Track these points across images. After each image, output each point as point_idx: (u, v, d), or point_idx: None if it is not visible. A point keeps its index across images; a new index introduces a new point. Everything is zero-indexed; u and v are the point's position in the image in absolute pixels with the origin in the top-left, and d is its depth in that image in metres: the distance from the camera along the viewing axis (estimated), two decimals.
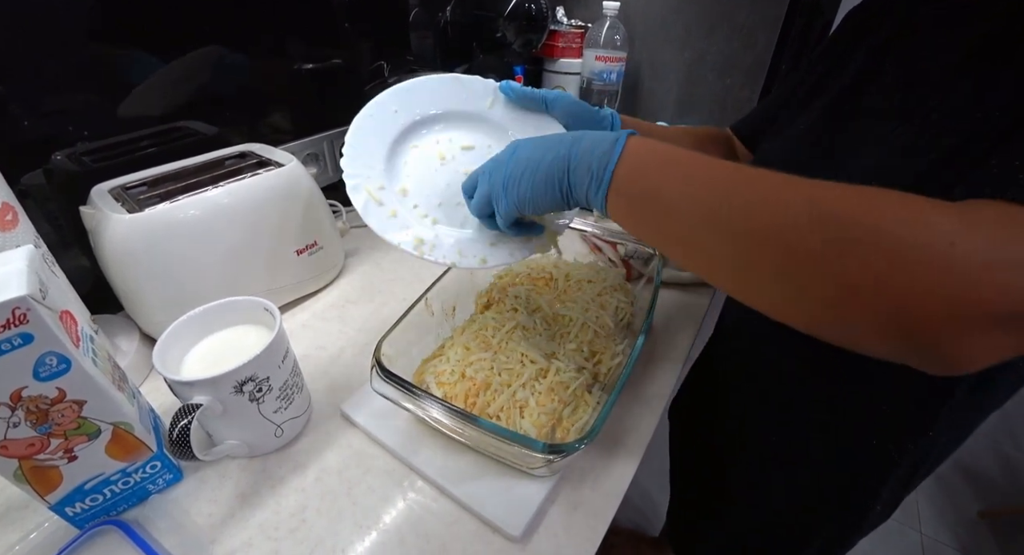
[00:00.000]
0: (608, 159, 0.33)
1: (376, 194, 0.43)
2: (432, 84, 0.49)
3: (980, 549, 1.32)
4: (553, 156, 0.35)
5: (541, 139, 0.37)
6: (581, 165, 0.34)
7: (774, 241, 0.26)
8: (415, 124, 0.48)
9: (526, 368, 0.45)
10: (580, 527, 0.41)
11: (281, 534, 0.39)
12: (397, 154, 0.46)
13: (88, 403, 0.35)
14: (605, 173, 0.32)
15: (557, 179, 0.35)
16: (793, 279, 0.26)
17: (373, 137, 0.45)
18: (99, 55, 0.57)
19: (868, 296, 0.24)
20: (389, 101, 0.47)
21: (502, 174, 0.37)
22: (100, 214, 0.49)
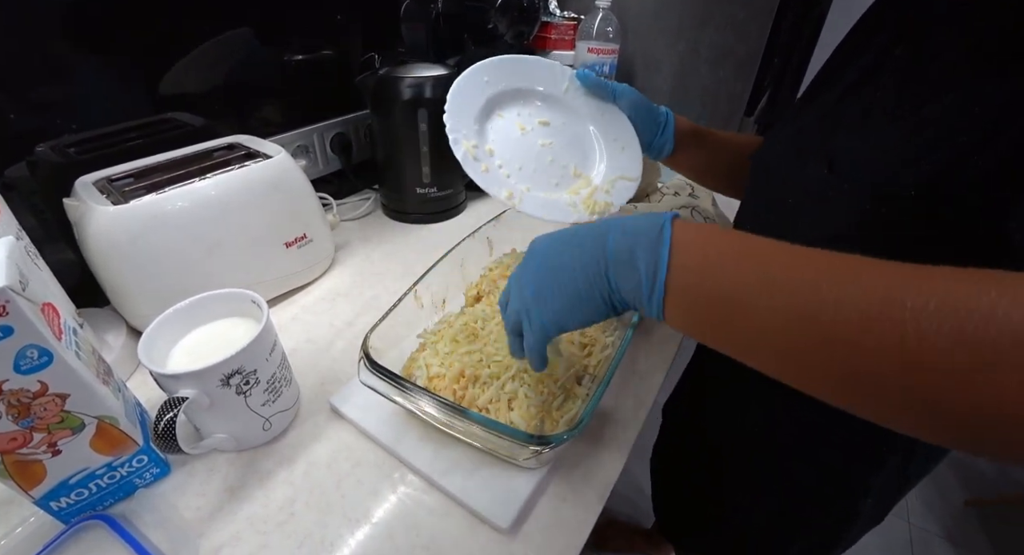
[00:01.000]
0: (658, 253, 0.27)
1: (472, 151, 0.47)
2: (520, 62, 0.54)
3: (967, 537, 1.34)
4: (586, 257, 0.29)
5: (562, 236, 0.32)
6: (623, 264, 0.28)
7: (889, 354, 0.21)
8: (501, 94, 0.52)
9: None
10: (569, 518, 0.41)
11: (270, 527, 0.39)
12: (486, 118, 0.51)
13: (71, 396, 0.34)
14: (659, 273, 0.27)
15: (597, 285, 0.29)
16: (917, 395, 0.21)
17: (468, 100, 0.50)
18: (83, 47, 0.56)
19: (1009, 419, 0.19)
20: (483, 71, 0.51)
21: (531, 288, 0.32)
22: (84, 206, 0.49)
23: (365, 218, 0.83)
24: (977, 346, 0.19)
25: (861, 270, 0.23)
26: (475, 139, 0.49)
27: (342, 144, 0.83)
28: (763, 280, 0.25)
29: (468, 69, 0.50)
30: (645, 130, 0.54)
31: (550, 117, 0.54)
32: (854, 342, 0.22)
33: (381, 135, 0.77)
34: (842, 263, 0.24)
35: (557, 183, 0.51)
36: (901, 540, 1.33)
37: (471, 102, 0.50)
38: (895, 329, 0.20)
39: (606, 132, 0.54)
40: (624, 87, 0.52)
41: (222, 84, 0.70)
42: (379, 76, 0.73)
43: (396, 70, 0.72)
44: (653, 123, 0.55)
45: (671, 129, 0.55)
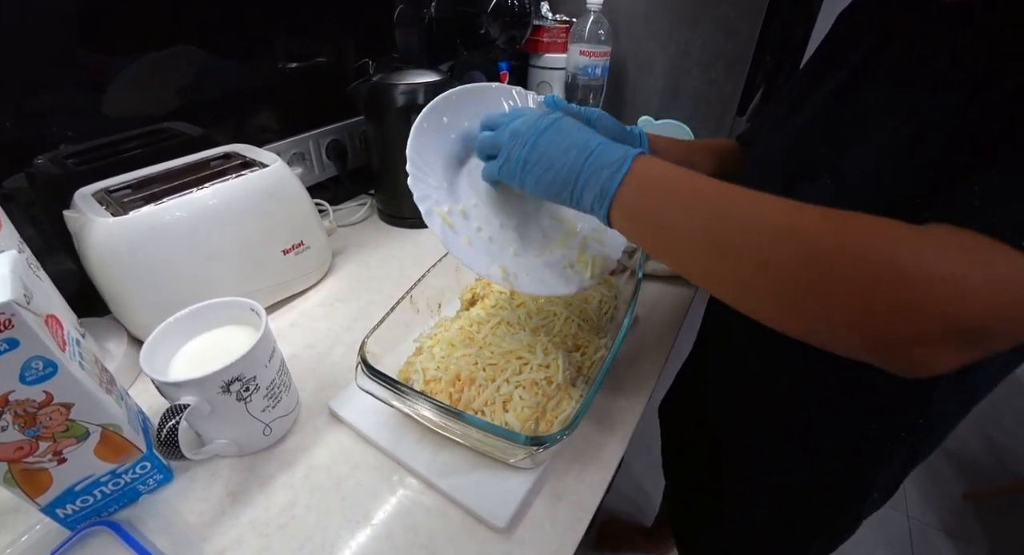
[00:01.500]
0: (614, 176, 0.35)
1: (448, 218, 0.42)
2: (477, 91, 0.47)
3: (965, 530, 1.35)
4: (571, 162, 0.37)
5: (567, 134, 0.38)
6: (592, 178, 0.36)
7: (765, 262, 0.29)
8: (465, 136, 0.46)
9: (510, 363, 0.46)
10: (564, 517, 0.42)
11: (271, 530, 0.40)
12: (454, 170, 0.46)
13: (76, 406, 0.35)
14: (609, 189, 0.35)
15: (569, 186, 0.37)
16: (785, 298, 0.29)
17: (432, 152, 0.44)
18: (82, 57, 0.57)
19: (851, 313, 0.27)
20: (439, 111, 0.45)
21: (522, 151, 0.38)
22: (83, 218, 0.50)
23: (361, 223, 0.84)
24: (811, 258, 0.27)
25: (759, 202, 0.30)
26: (447, 201, 0.43)
27: (337, 151, 0.84)
28: (680, 199, 0.33)
29: (423, 112, 0.44)
30: None
31: None
32: (739, 255, 0.30)
33: (376, 141, 0.78)
34: (745, 196, 0.31)
35: (544, 234, 0.48)
36: (900, 533, 1.34)
37: (435, 153, 0.44)
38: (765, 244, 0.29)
39: None
40: (597, 112, 0.50)
41: (218, 93, 0.70)
42: (372, 84, 0.74)
43: (389, 77, 0.73)
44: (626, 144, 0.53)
45: (645, 148, 0.53)
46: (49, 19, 0.54)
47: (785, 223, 0.29)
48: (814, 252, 0.27)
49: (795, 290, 0.28)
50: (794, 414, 0.49)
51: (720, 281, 0.33)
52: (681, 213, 0.33)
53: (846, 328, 0.27)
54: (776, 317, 0.30)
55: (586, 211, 0.38)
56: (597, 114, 0.48)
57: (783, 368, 0.48)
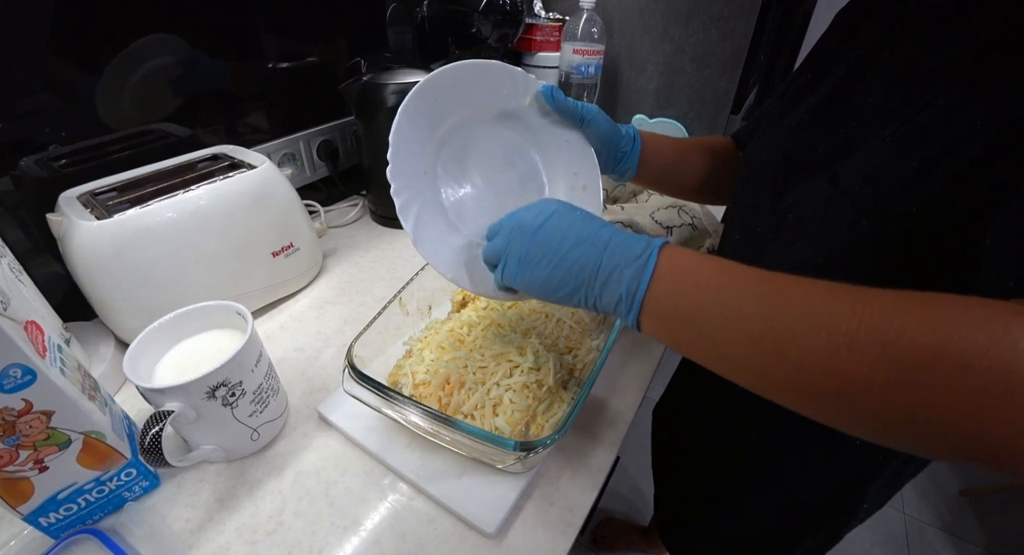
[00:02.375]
0: (640, 278, 0.30)
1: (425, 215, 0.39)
2: (476, 69, 0.43)
3: (962, 527, 1.36)
4: (582, 258, 0.32)
5: (572, 224, 0.34)
6: (612, 277, 0.31)
7: (828, 371, 0.24)
8: (456, 125, 0.43)
9: (500, 366, 0.45)
10: (555, 521, 0.41)
11: (258, 537, 0.40)
12: (437, 165, 0.42)
13: (57, 413, 0.35)
14: (637, 295, 0.30)
15: (583, 286, 0.33)
16: (853, 406, 0.25)
17: (416, 146, 0.40)
18: (68, 58, 0.57)
19: (941, 427, 0.22)
20: (431, 91, 0.40)
21: (520, 249, 0.34)
22: (68, 221, 0.49)
23: (353, 224, 0.84)
24: (893, 365, 0.22)
25: (810, 297, 0.26)
26: (429, 191, 0.40)
27: (328, 151, 0.83)
28: (722, 311, 0.28)
29: (413, 92, 0.39)
30: (609, 158, 0.50)
31: (509, 145, 0.46)
32: (799, 365, 0.25)
33: (367, 141, 0.78)
34: (794, 290, 0.27)
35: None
36: (896, 531, 1.34)
37: (420, 145, 0.40)
38: (832, 353, 0.24)
39: (568, 165, 0.47)
40: (593, 110, 0.47)
41: (207, 93, 0.70)
42: (363, 83, 0.73)
43: (380, 76, 0.73)
44: (618, 151, 0.50)
45: (636, 154, 0.51)
46: (33, 21, 0.53)
47: (845, 325, 0.24)
48: (890, 354, 0.22)
49: (873, 401, 0.23)
50: (783, 425, 0.48)
51: (780, 391, 0.28)
52: (723, 316, 0.28)
53: (941, 445, 0.23)
54: (853, 427, 0.26)
55: (607, 313, 0.33)
56: (592, 112, 0.47)
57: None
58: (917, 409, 0.22)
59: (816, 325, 0.25)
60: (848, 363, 0.23)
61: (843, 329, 0.24)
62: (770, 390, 0.28)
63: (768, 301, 0.27)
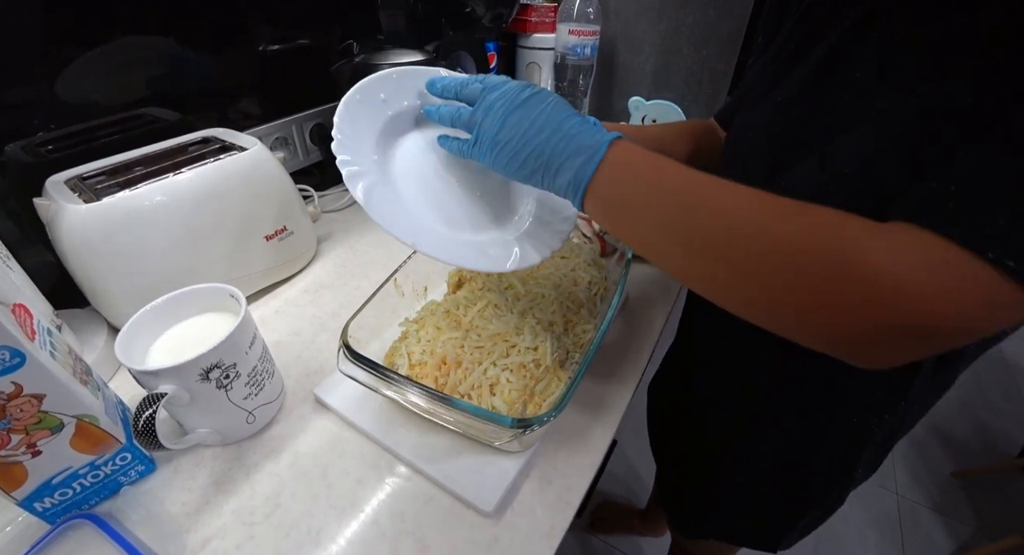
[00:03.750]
0: (588, 163, 0.34)
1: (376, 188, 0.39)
2: (422, 74, 0.45)
3: (953, 508, 1.38)
4: (543, 144, 0.36)
5: (543, 112, 0.36)
6: (567, 163, 0.35)
7: (721, 256, 0.30)
8: (404, 113, 0.44)
9: (497, 346, 0.45)
10: (553, 500, 0.41)
11: (256, 519, 0.40)
12: (385, 145, 0.43)
13: (48, 397, 0.34)
14: (584, 177, 0.35)
15: (541, 170, 0.36)
16: (738, 289, 0.31)
17: (363, 125, 0.41)
18: (55, 40, 0.55)
19: (803, 308, 0.28)
20: (377, 85, 0.42)
21: (492, 130, 0.37)
22: (55, 205, 0.48)
23: (348, 209, 0.83)
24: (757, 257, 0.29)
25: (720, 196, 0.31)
26: (376, 173, 0.40)
27: (322, 135, 0.82)
28: (647, 201, 0.33)
29: (357, 85, 0.41)
30: None
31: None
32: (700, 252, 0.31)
33: None
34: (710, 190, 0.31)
35: (486, 213, 0.45)
36: (889, 512, 1.36)
37: (367, 127, 0.41)
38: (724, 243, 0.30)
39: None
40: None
41: (197, 77, 0.68)
42: (355, 64, 0.72)
43: (372, 57, 0.71)
44: None
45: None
46: (22, 7, 0.52)
47: (742, 216, 0.29)
48: (767, 247, 0.28)
49: (751, 284, 0.29)
50: (778, 394, 0.49)
51: (686, 273, 0.33)
52: (649, 204, 0.33)
53: (798, 322, 0.29)
54: (739, 309, 0.31)
55: (559, 195, 0.37)
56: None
57: (765, 348, 0.47)
58: (782, 290, 0.28)
59: (718, 216, 0.30)
60: (732, 253, 0.29)
61: (741, 229, 0.29)
62: (677, 273, 0.34)
63: (684, 197, 0.32)
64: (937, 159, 0.28)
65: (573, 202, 0.36)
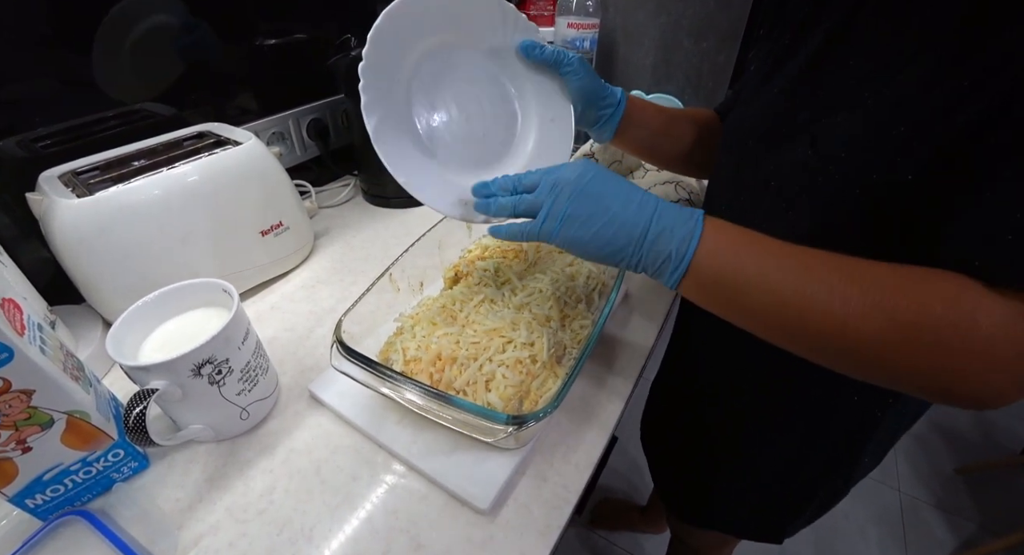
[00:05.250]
0: (691, 238, 0.33)
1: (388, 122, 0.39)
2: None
3: (956, 504, 1.37)
4: (633, 217, 0.34)
5: (619, 187, 0.36)
6: (662, 238, 0.34)
7: (842, 334, 0.30)
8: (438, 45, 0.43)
9: (493, 341, 0.44)
10: (549, 498, 0.41)
11: (249, 516, 0.39)
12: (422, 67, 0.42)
13: (37, 392, 0.34)
14: (687, 254, 0.33)
15: (630, 245, 0.34)
16: (858, 359, 0.31)
17: (395, 50, 0.40)
18: (51, 36, 0.55)
19: (923, 380, 0.29)
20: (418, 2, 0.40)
21: (566, 203, 0.35)
22: (48, 200, 0.48)
23: (345, 204, 0.82)
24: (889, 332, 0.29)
25: (827, 271, 0.31)
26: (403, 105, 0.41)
27: (318, 129, 0.81)
28: (758, 274, 0.32)
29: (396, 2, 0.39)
30: (588, 114, 0.50)
31: (487, 76, 0.46)
32: (819, 328, 0.31)
33: (357, 118, 0.75)
34: (815, 264, 0.31)
35: (476, 162, 0.45)
36: (891, 508, 1.35)
37: (399, 53, 0.40)
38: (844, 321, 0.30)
39: (545, 108, 0.48)
40: (574, 62, 0.47)
41: (192, 72, 0.68)
42: (351, 57, 0.71)
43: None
44: (599, 108, 0.50)
45: (618, 114, 0.51)
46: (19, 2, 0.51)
47: (857, 299, 0.29)
48: (888, 324, 0.29)
49: (873, 357, 0.30)
50: (780, 385, 0.48)
51: (800, 346, 0.33)
52: (758, 282, 0.32)
53: (923, 391, 0.30)
54: (856, 373, 0.32)
55: (646, 273, 0.36)
56: (573, 63, 0.47)
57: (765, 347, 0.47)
58: (905, 362, 0.29)
59: (832, 297, 0.30)
60: (857, 329, 0.29)
61: (854, 302, 0.29)
62: (792, 345, 0.33)
63: (795, 273, 0.31)
64: (920, 142, 0.30)
65: (666, 280, 0.35)
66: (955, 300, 0.28)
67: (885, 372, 0.31)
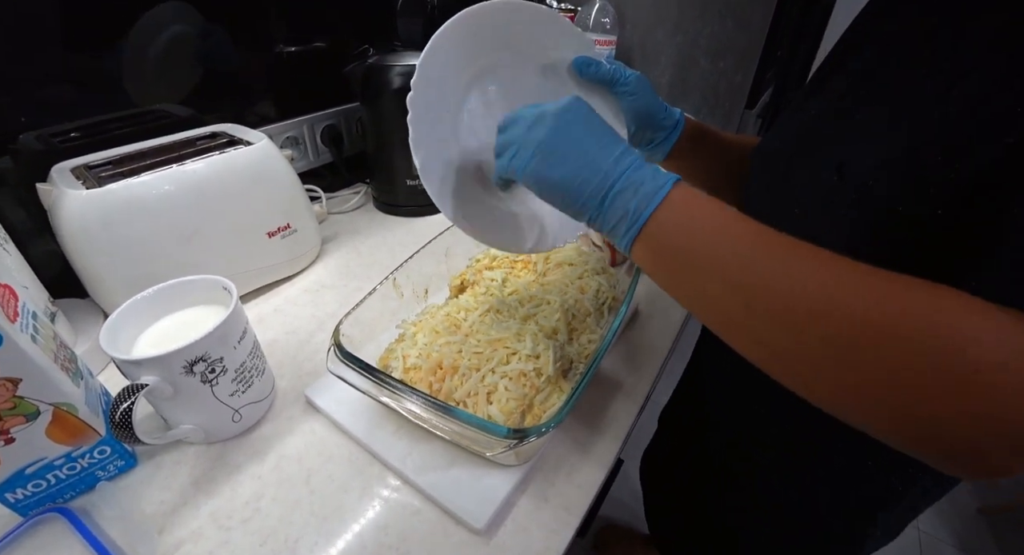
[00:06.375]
0: (651, 199, 0.30)
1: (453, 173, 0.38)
2: (528, 13, 0.40)
3: (979, 545, 1.30)
4: (605, 165, 0.31)
5: (602, 132, 0.33)
6: (624, 193, 0.31)
7: (800, 333, 0.25)
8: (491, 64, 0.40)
9: (497, 352, 0.43)
10: (550, 520, 0.39)
11: (233, 523, 0.38)
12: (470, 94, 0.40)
13: (24, 382, 0.33)
14: (642, 214, 0.30)
15: (595, 199, 0.32)
16: (803, 366, 0.26)
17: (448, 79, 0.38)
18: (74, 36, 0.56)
19: (881, 393, 0.23)
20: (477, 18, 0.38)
21: (543, 133, 0.32)
22: (57, 191, 0.48)
23: (355, 211, 0.82)
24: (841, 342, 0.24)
25: (792, 259, 0.26)
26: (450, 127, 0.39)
27: (332, 136, 0.82)
28: (710, 253, 0.29)
29: (453, 19, 0.37)
30: (642, 135, 0.48)
31: (539, 96, 0.43)
32: (764, 321, 0.26)
33: (371, 126, 0.76)
34: (781, 251, 0.27)
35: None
36: (911, 547, 1.29)
37: (450, 79, 0.38)
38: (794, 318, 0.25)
39: None
40: (631, 81, 0.44)
41: (212, 75, 0.68)
42: (367, 65, 0.71)
43: (385, 58, 0.71)
44: (654, 131, 0.48)
45: (671, 141, 0.48)
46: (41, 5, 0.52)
47: (824, 292, 0.25)
48: (857, 332, 0.23)
49: (831, 368, 0.25)
50: (796, 439, 0.44)
51: (741, 336, 0.29)
52: (713, 255, 0.29)
53: (889, 422, 0.24)
54: (796, 384, 0.27)
55: (600, 229, 0.33)
56: (631, 82, 0.44)
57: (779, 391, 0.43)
58: (854, 372, 0.24)
59: (788, 289, 0.26)
60: (806, 331, 0.25)
61: (809, 296, 0.25)
62: (730, 335, 0.29)
63: (754, 254, 0.27)
64: (956, 171, 0.26)
65: (618, 241, 0.32)
66: (951, 302, 0.23)
67: (832, 386, 0.25)
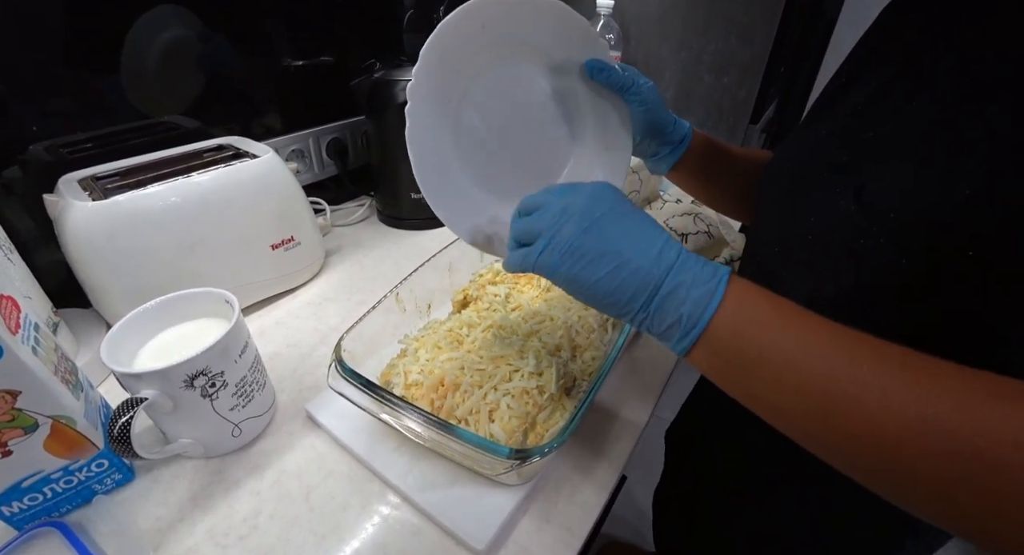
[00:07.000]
0: (708, 303, 0.27)
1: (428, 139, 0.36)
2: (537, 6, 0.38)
3: None
4: (645, 267, 0.28)
5: (639, 226, 0.30)
6: (672, 297, 0.28)
7: (876, 445, 0.23)
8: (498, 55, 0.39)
9: (499, 369, 0.42)
10: (552, 541, 0.38)
11: (230, 541, 0.37)
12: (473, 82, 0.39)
13: (23, 394, 0.33)
14: (700, 321, 0.27)
15: (637, 298, 0.29)
16: (893, 480, 0.24)
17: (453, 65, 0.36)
18: (81, 49, 0.56)
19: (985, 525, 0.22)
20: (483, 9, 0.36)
21: (572, 235, 0.30)
22: (63, 202, 0.48)
23: (359, 224, 0.82)
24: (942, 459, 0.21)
25: (875, 368, 0.24)
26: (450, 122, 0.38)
27: (338, 149, 0.82)
28: (782, 359, 0.26)
29: (458, 11, 0.35)
30: (648, 146, 0.47)
31: (544, 94, 0.42)
32: (848, 432, 0.24)
33: (376, 139, 0.76)
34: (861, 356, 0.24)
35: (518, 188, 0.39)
36: None
37: (452, 72, 0.36)
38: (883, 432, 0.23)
39: (601, 135, 0.44)
40: (643, 89, 0.42)
41: (219, 88, 0.69)
42: (373, 79, 0.72)
43: (391, 73, 0.71)
44: (660, 143, 0.47)
45: (677, 153, 0.47)
46: (50, 16, 0.53)
47: (915, 411, 0.22)
48: (941, 451, 0.22)
49: (927, 499, 0.23)
50: (794, 472, 0.42)
51: (820, 448, 0.26)
52: (781, 364, 0.26)
53: (990, 543, 0.22)
54: (886, 494, 0.24)
55: (648, 332, 0.30)
56: (643, 91, 0.42)
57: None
58: (955, 500, 0.22)
59: (874, 401, 0.23)
60: (899, 446, 0.22)
61: (898, 412, 0.22)
62: (811, 445, 0.26)
63: (831, 361, 0.24)
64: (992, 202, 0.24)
65: (674, 345, 0.29)
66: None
67: (926, 500, 0.23)
